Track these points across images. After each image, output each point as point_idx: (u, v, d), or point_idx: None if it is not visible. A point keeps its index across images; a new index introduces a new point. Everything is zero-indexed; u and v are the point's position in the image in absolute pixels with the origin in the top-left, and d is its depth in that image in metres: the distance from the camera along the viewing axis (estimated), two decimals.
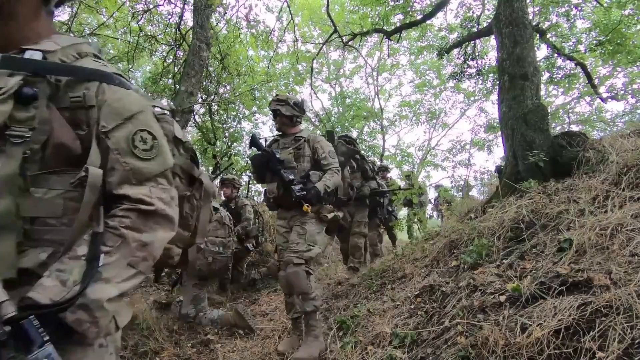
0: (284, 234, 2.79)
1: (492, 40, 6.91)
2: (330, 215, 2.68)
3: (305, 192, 2.55)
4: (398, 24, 6.96)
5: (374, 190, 4.47)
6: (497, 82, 3.96)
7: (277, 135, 3.00)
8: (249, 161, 3.83)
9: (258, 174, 2.85)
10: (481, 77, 7.53)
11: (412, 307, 2.31)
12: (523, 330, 1.46)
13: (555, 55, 6.96)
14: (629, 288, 1.39)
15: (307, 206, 2.55)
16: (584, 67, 6.57)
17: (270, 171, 2.72)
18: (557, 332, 1.37)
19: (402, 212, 7.72)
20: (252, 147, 2.87)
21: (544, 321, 1.43)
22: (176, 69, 5.97)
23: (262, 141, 2.87)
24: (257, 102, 8.27)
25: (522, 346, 1.38)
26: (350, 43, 7.90)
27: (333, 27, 6.75)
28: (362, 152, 5.50)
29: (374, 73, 14.29)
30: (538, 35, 5.87)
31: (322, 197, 2.59)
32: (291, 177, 2.61)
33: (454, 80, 7.90)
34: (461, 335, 1.69)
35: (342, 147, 2.92)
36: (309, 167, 2.75)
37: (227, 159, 8.20)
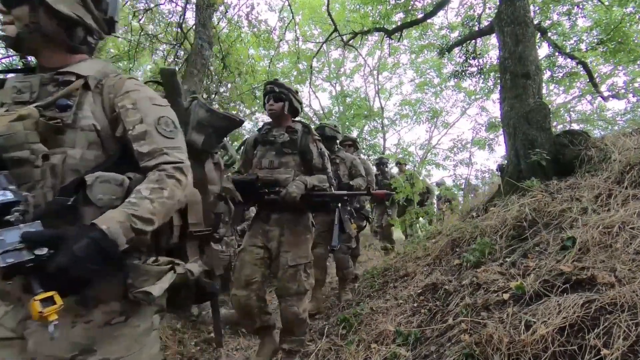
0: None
1: (493, 39, 6.92)
2: None
3: None
4: (399, 23, 6.96)
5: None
6: (499, 81, 3.96)
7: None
8: None
9: None
10: (482, 76, 7.52)
11: (415, 305, 2.31)
12: (527, 328, 1.46)
13: (557, 53, 6.96)
14: (633, 285, 1.40)
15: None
16: (585, 66, 6.57)
17: None
18: (561, 329, 1.37)
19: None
20: None
21: (548, 319, 1.43)
22: (177, 68, 5.97)
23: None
24: (258, 102, 8.27)
25: (526, 344, 1.39)
26: (350, 42, 7.90)
27: (333, 26, 6.75)
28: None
29: (375, 72, 14.28)
30: (539, 33, 5.87)
31: None
32: None
33: (455, 79, 7.89)
34: (465, 333, 1.69)
35: (200, 111, 1.51)
36: None
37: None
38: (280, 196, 2.10)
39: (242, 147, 2.53)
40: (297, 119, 2.47)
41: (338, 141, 3.86)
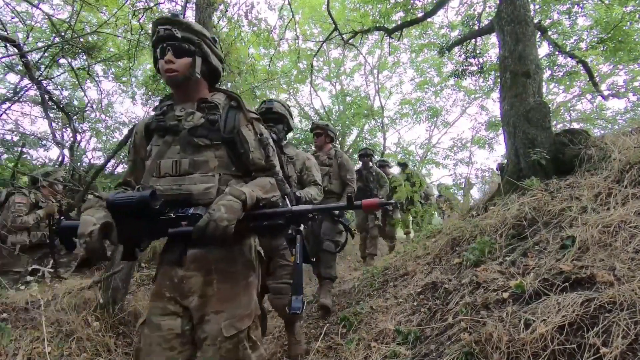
0: None
1: (493, 38, 6.91)
2: None
3: None
4: (399, 22, 6.96)
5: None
6: (499, 80, 3.96)
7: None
8: None
9: None
10: (482, 75, 7.52)
11: (415, 304, 2.32)
12: (527, 327, 1.47)
13: (557, 52, 6.96)
14: (632, 284, 1.40)
15: None
16: (585, 65, 6.56)
17: None
18: (560, 328, 1.38)
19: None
20: None
21: (548, 317, 1.44)
22: None
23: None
24: (258, 101, 8.27)
25: (526, 342, 1.39)
26: (350, 41, 7.89)
27: (333, 25, 6.74)
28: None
29: (375, 71, 14.27)
30: (539, 32, 5.87)
31: None
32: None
33: (455, 78, 7.89)
34: (465, 332, 1.70)
35: None
36: None
37: None
38: (197, 228, 1.14)
39: (129, 141, 1.54)
40: (217, 86, 1.51)
41: (289, 129, 2.56)
